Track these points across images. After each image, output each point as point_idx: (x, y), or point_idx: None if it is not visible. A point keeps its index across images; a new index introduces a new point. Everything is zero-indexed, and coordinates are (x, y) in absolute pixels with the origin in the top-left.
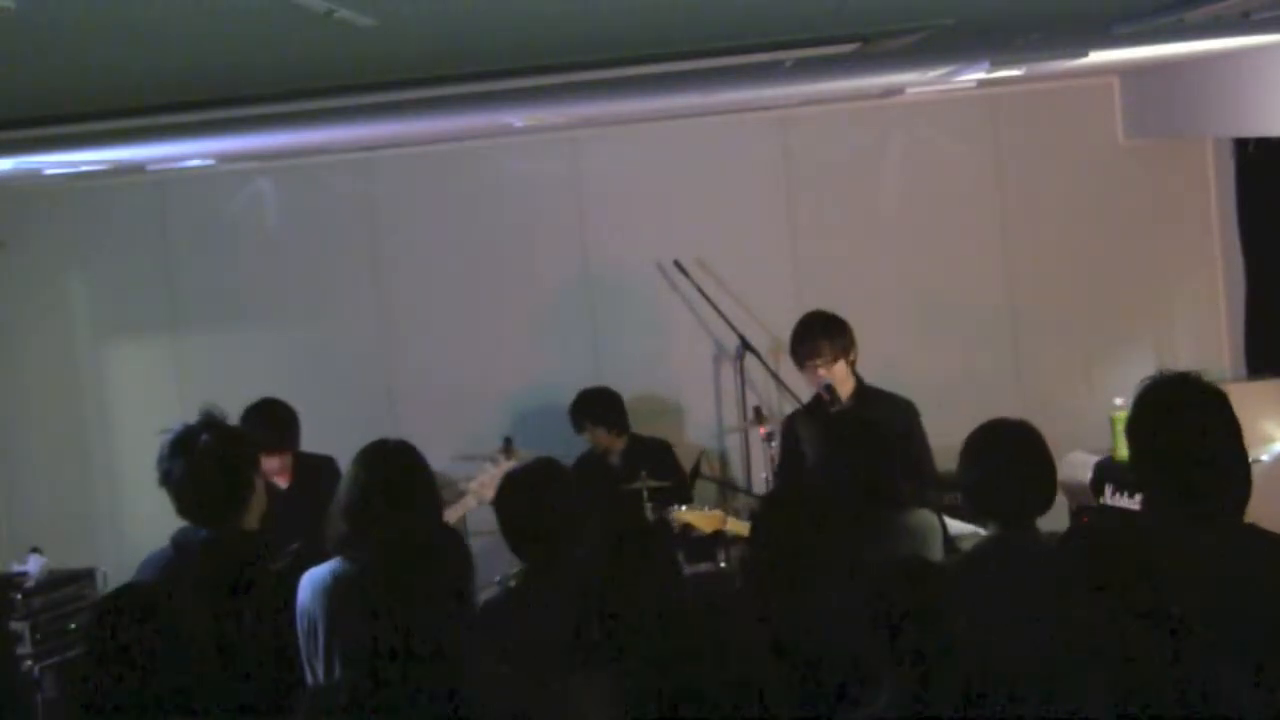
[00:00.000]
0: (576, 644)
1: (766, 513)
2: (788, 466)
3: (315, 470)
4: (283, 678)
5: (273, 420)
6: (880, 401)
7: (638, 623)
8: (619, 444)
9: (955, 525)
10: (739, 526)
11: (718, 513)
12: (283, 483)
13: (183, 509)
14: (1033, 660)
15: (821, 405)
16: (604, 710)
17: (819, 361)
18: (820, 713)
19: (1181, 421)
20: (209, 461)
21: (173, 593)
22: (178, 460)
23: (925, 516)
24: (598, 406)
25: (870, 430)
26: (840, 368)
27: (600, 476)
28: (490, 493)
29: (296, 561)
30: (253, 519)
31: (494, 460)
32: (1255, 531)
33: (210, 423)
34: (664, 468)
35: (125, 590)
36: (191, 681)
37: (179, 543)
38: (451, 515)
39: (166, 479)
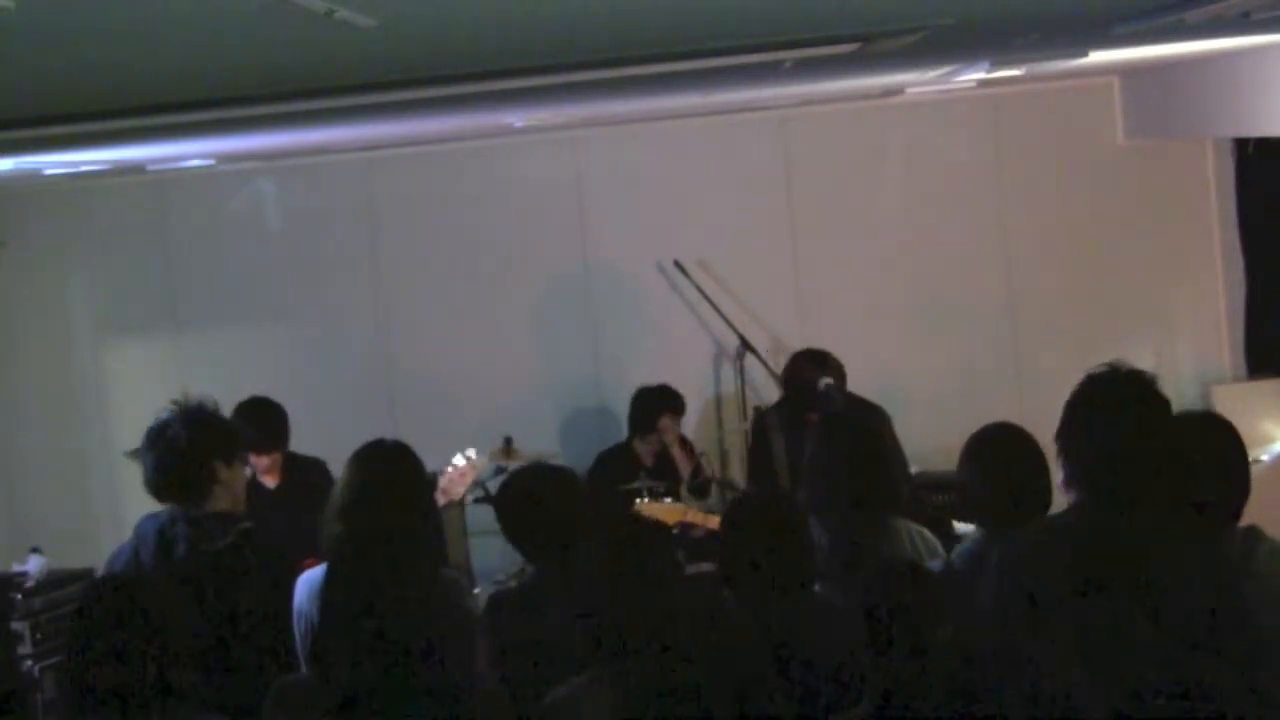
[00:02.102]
0: (577, 645)
1: (736, 517)
2: (759, 466)
3: (304, 471)
4: (233, 656)
5: (261, 421)
6: (849, 404)
7: (638, 624)
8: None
9: (960, 526)
10: (699, 517)
11: (679, 505)
12: (271, 482)
13: (146, 483)
14: (1021, 662)
15: (793, 406)
16: (603, 712)
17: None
18: (810, 713)
19: (1119, 420)
20: (172, 447)
21: (134, 579)
22: (147, 440)
23: (917, 526)
24: (678, 399)
25: (873, 433)
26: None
27: (630, 474)
28: (459, 489)
29: (238, 541)
30: (219, 505)
31: (465, 456)
32: (1239, 533)
33: (188, 410)
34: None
35: (95, 584)
36: (152, 668)
37: (138, 530)
38: None
39: (138, 454)
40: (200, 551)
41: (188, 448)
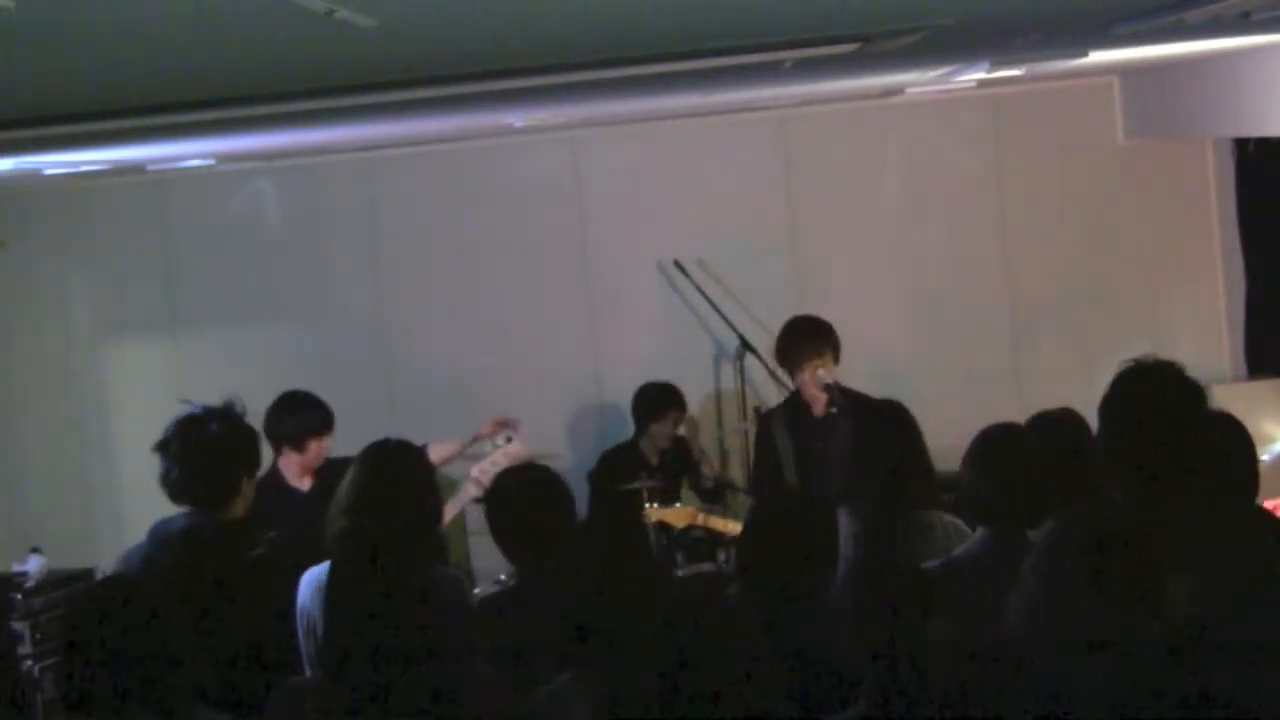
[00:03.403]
0: (561, 645)
1: (761, 517)
2: (764, 467)
3: (338, 474)
4: (262, 663)
5: (313, 405)
6: (864, 401)
7: (626, 625)
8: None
9: None
10: (712, 521)
11: (689, 509)
12: (304, 485)
13: (165, 483)
14: (1020, 663)
15: (798, 406)
16: (586, 711)
17: (820, 361)
18: (806, 713)
19: (1161, 411)
20: (206, 450)
21: (148, 584)
22: (179, 438)
23: (950, 518)
24: (677, 394)
25: (903, 425)
26: (834, 368)
27: (633, 474)
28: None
29: (273, 549)
30: (235, 513)
31: (495, 444)
32: (1250, 515)
33: (224, 414)
34: (691, 466)
35: (102, 584)
36: (168, 671)
37: (156, 534)
38: (453, 507)
39: (162, 449)
40: (236, 558)
41: (223, 453)
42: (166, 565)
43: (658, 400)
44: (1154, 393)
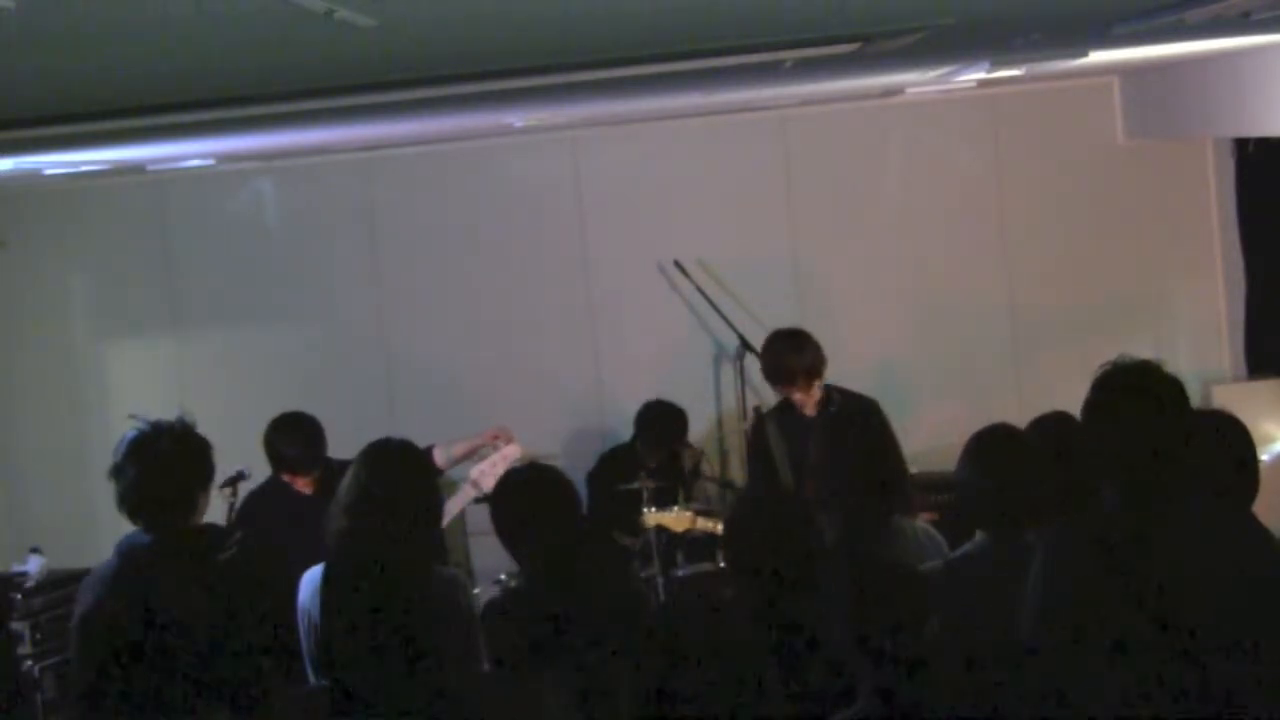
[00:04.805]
0: (562, 644)
1: (737, 513)
2: (759, 468)
3: (340, 475)
4: (239, 665)
5: (302, 440)
6: (849, 402)
7: (626, 624)
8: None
9: None
10: (709, 525)
11: (687, 513)
12: (307, 489)
13: (121, 504)
14: (1017, 663)
15: (791, 407)
16: (586, 711)
17: (794, 389)
18: (806, 713)
19: (1144, 413)
20: (159, 471)
21: (122, 599)
22: (131, 460)
23: (922, 525)
24: (677, 424)
25: (879, 431)
26: (815, 389)
27: (631, 474)
28: (490, 481)
29: (242, 550)
30: (195, 522)
31: (495, 447)
32: (1240, 524)
33: (174, 430)
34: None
35: (109, 594)
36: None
37: (123, 549)
38: (452, 507)
39: (117, 475)
40: (207, 563)
41: (176, 471)
42: (135, 577)
43: (655, 426)
44: (1135, 395)
